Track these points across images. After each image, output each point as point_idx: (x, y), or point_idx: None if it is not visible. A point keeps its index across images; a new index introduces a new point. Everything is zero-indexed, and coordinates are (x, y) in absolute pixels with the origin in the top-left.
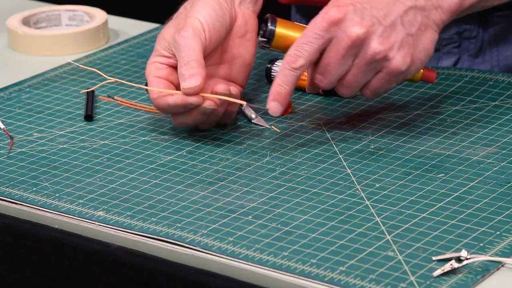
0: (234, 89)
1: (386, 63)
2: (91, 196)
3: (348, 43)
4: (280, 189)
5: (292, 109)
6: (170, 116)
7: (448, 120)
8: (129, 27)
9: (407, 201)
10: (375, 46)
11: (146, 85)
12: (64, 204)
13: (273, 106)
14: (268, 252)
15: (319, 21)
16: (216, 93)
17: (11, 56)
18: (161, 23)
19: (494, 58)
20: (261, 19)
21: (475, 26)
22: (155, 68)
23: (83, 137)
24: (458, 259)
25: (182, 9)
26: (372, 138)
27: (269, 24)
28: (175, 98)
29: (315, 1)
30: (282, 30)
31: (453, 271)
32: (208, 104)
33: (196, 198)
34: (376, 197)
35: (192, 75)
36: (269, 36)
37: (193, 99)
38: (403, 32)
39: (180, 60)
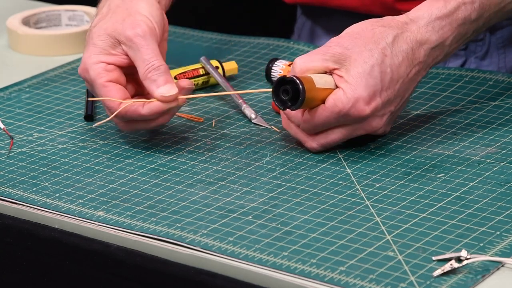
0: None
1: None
2: (91, 196)
3: (362, 132)
4: (280, 189)
5: None
6: (122, 124)
7: (448, 120)
8: None
9: (407, 201)
10: (375, 125)
11: (90, 94)
12: (64, 204)
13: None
14: (268, 252)
15: (346, 109)
16: (184, 88)
17: (11, 56)
18: None
19: (501, 61)
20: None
21: None
22: (104, 70)
23: (83, 137)
24: (458, 259)
25: (118, 1)
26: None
27: (300, 91)
28: (151, 107)
29: (321, 1)
30: (308, 96)
31: (453, 271)
32: (182, 102)
33: (196, 198)
34: (376, 197)
35: (165, 81)
36: (301, 103)
37: (173, 104)
38: (401, 109)
39: (142, 62)
